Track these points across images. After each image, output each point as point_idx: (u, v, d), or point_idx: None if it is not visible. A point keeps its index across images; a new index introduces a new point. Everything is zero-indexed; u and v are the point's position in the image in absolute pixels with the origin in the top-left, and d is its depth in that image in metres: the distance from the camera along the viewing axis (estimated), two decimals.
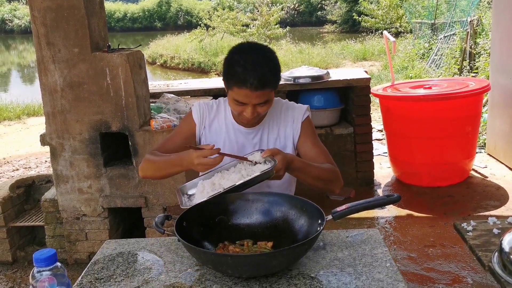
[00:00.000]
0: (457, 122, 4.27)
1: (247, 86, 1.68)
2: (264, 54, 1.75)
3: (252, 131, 1.91)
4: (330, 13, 30.55)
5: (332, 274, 1.38)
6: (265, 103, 1.77)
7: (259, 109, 1.77)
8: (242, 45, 1.80)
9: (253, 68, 1.68)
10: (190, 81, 5.18)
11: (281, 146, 1.93)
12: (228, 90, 1.79)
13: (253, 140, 1.92)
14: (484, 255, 1.54)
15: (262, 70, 1.69)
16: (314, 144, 1.94)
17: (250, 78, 1.67)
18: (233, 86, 1.72)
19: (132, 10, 41.62)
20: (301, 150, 1.96)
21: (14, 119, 8.93)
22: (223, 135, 1.92)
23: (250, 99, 1.72)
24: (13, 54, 29.19)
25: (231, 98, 1.78)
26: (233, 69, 1.72)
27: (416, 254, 3.30)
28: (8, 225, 3.52)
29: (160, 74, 17.05)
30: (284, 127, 1.94)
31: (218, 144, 1.91)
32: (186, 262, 1.51)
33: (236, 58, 1.74)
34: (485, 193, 4.20)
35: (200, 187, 1.70)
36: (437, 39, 10.61)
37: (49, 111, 3.18)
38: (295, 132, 1.93)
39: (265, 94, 1.72)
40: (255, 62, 1.70)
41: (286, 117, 1.94)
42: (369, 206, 1.56)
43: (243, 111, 1.77)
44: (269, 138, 1.93)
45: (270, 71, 1.72)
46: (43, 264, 1.11)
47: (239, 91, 1.71)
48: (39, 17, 3.05)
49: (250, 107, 1.74)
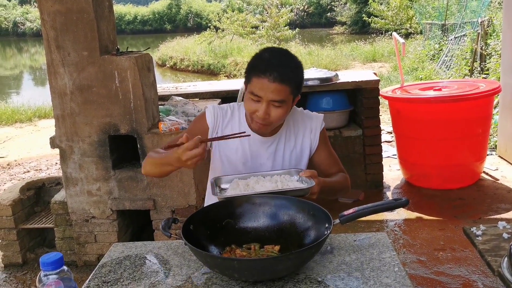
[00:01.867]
0: (468, 124, 4.23)
1: (266, 75, 1.67)
2: (293, 58, 1.76)
3: (267, 140, 1.88)
4: (339, 14, 30.53)
5: (340, 279, 1.37)
6: (280, 105, 1.72)
7: (273, 111, 1.72)
8: (274, 47, 1.83)
9: (277, 62, 1.70)
10: (199, 84, 5.19)
11: (297, 157, 1.92)
12: (247, 86, 1.77)
13: (268, 150, 1.89)
14: (493, 260, 1.52)
15: (285, 67, 1.70)
16: (329, 154, 1.97)
17: (271, 68, 1.67)
18: (253, 77, 1.71)
19: (142, 13, 41.91)
20: (316, 160, 1.96)
21: (26, 121, 9.01)
22: (236, 142, 1.87)
23: (266, 92, 1.68)
24: (25, 56, 29.51)
25: (247, 95, 1.76)
26: (257, 61, 1.74)
27: (425, 257, 3.27)
28: (18, 227, 3.54)
29: (170, 76, 17.12)
30: (301, 137, 1.92)
31: (230, 150, 1.89)
32: (193, 265, 1.50)
33: (263, 53, 1.76)
34: (496, 196, 4.16)
35: (235, 184, 1.72)
36: (447, 40, 10.54)
37: (59, 114, 3.20)
38: (313, 142, 1.93)
39: (283, 91, 1.69)
40: (281, 59, 1.72)
41: (304, 127, 1.92)
42: (377, 210, 1.55)
43: (256, 110, 1.73)
44: (285, 148, 1.90)
45: (293, 71, 1.73)
46: (49, 268, 1.11)
47: (257, 81, 1.69)
48: (49, 20, 3.07)
49: (264, 104, 1.70)
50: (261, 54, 1.76)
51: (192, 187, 3.22)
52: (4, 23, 41.05)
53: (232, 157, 1.89)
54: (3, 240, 3.55)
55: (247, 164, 1.89)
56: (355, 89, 4.46)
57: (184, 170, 3.18)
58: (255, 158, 1.89)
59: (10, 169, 6.22)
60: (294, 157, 1.92)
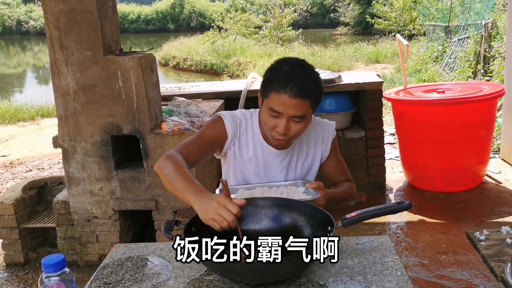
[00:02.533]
0: (471, 126, 4.22)
1: (286, 91, 1.61)
2: (312, 70, 1.70)
3: (282, 153, 1.85)
4: (343, 15, 30.51)
5: (342, 282, 1.37)
6: (301, 120, 1.67)
7: (293, 126, 1.67)
8: (290, 58, 1.74)
9: (297, 76, 1.63)
10: (202, 84, 5.19)
11: (307, 168, 1.91)
12: (264, 100, 1.70)
13: (282, 163, 1.86)
14: (496, 265, 1.51)
15: (306, 81, 1.63)
16: (338, 163, 1.95)
17: (291, 83, 1.61)
18: (271, 92, 1.64)
19: (145, 12, 41.96)
20: (325, 168, 1.95)
21: (28, 120, 9.02)
22: (250, 153, 1.84)
23: (287, 108, 1.62)
24: (29, 55, 29.57)
25: (265, 109, 1.69)
26: (275, 74, 1.66)
27: (428, 261, 3.26)
28: (20, 226, 3.55)
29: (173, 75, 17.14)
30: (313, 147, 1.89)
31: (244, 160, 1.85)
32: (195, 268, 1.50)
33: (281, 65, 1.68)
34: (499, 199, 4.15)
35: (239, 194, 1.72)
36: (451, 42, 10.52)
37: (62, 113, 3.20)
38: (324, 152, 1.91)
39: (303, 106, 1.63)
40: (300, 73, 1.64)
41: (316, 137, 1.89)
42: (379, 213, 1.54)
43: (276, 126, 1.67)
44: (298, 160, 1.88)
45: (313, 84, 1.66)
46: (51, 269, 1.11)
47: (277, 96, 1.63)
48: (53, 20, 3.07)
49: (285, 120, 1.65)
50: (279, 66, 1.69)
51: None
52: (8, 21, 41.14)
53: (245, 168, 1.86)
54: (5, 239, 3.55)
55: (259, 176, 1.87)
56: (358, 91, 4.45)
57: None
58: (268, 170, 1.87)
59: (12, 168, 6.23)
60: (306, 168, 1.91)
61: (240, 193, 1.73)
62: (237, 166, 1.86)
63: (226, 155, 1.88)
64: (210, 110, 3.64)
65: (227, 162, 1.89)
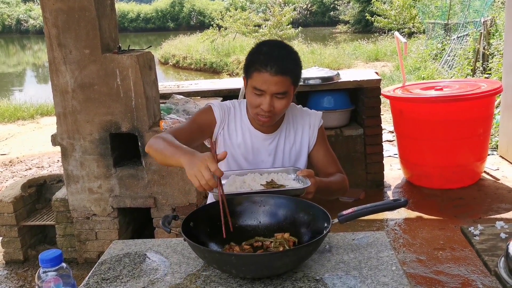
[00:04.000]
0: (469, 124, 4.23)
1: (267, 69, 1.70)
2: (290, 50, 1.79)
3: (269, 137, 1.91)
4: (342, 13, 30.48)
5: (337, 277, 1.38)
6: (283, 96, 1.75)
7: (276, 102, 1.75)
8: (270, 40, 1.86)
9: (277, 55, 1.72)
10: (201, 82, 5.20)
11: (296, 153, 1.95)
12: (248, 81, 1.79)
13: (269, 146, 1.92)
14: (490, 259, 1.53)
15: (285, 59, 1.73)
16: (327, 152, 1.98)
17: (271, 61, 1.70)
18: (254, 72, 1.74)
19: (145, 11, 41.89)
20: (313, 157, 1.98)
21: (28, 118, 9.03)
22: (239, 139, 1.91)
23: (269, 85, 1.71)
24: (28, 54, 29.53)
25: (249, 89, 1.78)
26: (256, 56, 1.76)
27: (425, 257, 3.28)
28: (19, 224, 3.56)
29: (172, 74, 17.13)
30: (300, 133, 1.94)
31: (233, 146, 1.91)
32: (192, 263, 1.51)
33: (261, 47, 1.78)
34: (496, 196, 4.16)
35: (231, 180, 1.75)
36: (450, 39, 10.52)
37: (60, 111, 3.22)
38: (311, 138, 1.95)
39: (284, 82, 1.72)
40: (279, 52, 1.74)
41: (303, 123, 1.95)
42: (375, 210, 1.55)
43: (260, 104, 1.75)
44: (285, 144, 1.93)
45: (292, 62, 1.76)
46: (48, 264, 1.12)
47: (259, 75, 1.72)
48: (51, 18, 3.08)
49: (268, 97, 1.73)
50: (259, 48, 1.79)
51: (192, 185, 3.22)
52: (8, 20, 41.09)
53: (235, 153, 1.92)
54: (5, 237, 3.57)
55: (249, 160, 1.92)
56: (356, 88, 4.46)
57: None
58: (256, 154, 1.92)
59: (12, 166, 6.24)
60: (294, 153, 1.95)
61: (232, 179, 1.75)
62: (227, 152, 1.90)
63: (216, 142, 1.94)
64: None
65: (217, 148, 1.95)
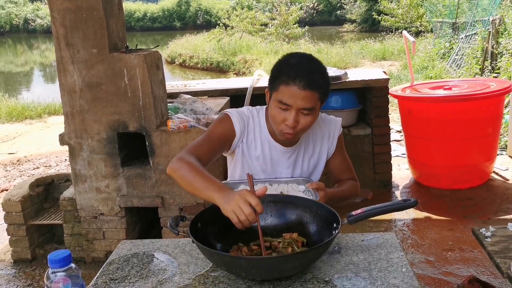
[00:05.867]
0: (478, 123, 4.20)
1: (295, 82, 1.62)
2: (320, 64, 1.71)
3: (289, 150, 1.86)
4: (349, 12, 30.40)
5: (347, 279, 1.37)
6: (309, 113, 1.67)
7: (302, 119, 1.67)
8: (299, 52, 1.75)
9: (306, 68, 1.64)
10: (208, 81, 5.19)
11: (314, 164, 1.91)
12: (273, 94, 1.70)
13: (289, 160, 1.87)
14: (502, 262, 1.51)
15: (315, 73, 1.65)
16: (343, 160, 1.95)
17: (300, 75, 1.62)
18: (280, 84, 1.65)
19: (152, 10, 42.00)
20: (330, 164, 1.95)
21: (36, 117, 9.06)
22: (258, 151, 1.85)
23: (296, 99, 1.63)
24: (36, 53, 29.69)
25: (274, 103, 1.69)
26: (284, 67, 1.67)
27: (434, 257, 3.25)
28: (27, 223, 3.57)
29: (179, 73, 17.16)
30: (319, 143, 1.90)
31: (251, 158, 1.86)
32: (200, 264, 1.51)
33: (289, 59, 1.70)
34: (506, 196, 4.13)
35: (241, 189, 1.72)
36: (458, 38, 10.46)
37: (68, 111, 3.22)
38: (330, 148, 1.91)
39: (312, 98, 1.64)
40: (308, 65, 1.66)
41: (322, 133, 1.90)
42: (385, 210, 1.53)
43: (285, 119, 1.67)
44: (304, 157, 1.88)
45: (321, 76, 1.67)
46: (57, 265, 1.12)
47: (286, 89, 1.64)
48: (59, 18, 3.08)
49: (294, 112, 1.65)
50: (287, 60, 1.70)
51: None
52: (15, 19, 41.33)
53: (252, 165, 1.87)
54: (13, 236, 3.58)
55: (266, 172, 1.87)
56: (364, 88, 4.44)
57: None
58: (275, 167, 1.87)
59: (20, 165, 6.27)
60: (312, 164, 1.91)
61: (240, 188, 1.74)
62: (244, 163, 1.87)
63: (233, 153, 1.88)
64: (216, 108, 3.65)
65: (234, 159, 1.90)
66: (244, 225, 1.40)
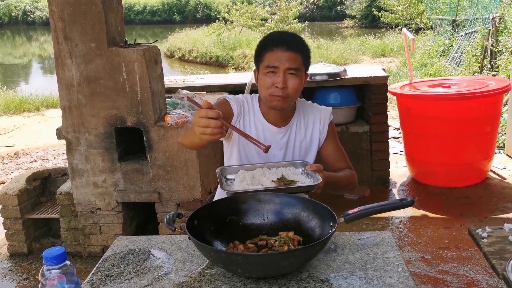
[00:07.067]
0: (476, 122, 4.20)
1: (278, 47, 1.77)
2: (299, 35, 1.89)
3: (281, 130, 1.93)
4: (349, 8, 30.31)
5: (343, 278, 1.37)
6: (296, 73, 1.78)
7: (290, 81, 1.78)
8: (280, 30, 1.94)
9: (287, 35, 1.84)
10: (207, 77, 5.18)
11: (306, 148, 1.96)
12: (260, 66, 1.83)
13: (281, 140, 1.94)
14: (498, 263, 1.51)
15: (295, 38, 1.84)
16: (336, 148, 2.00)
17: (283, 41, 1.79)
18: (266, 53, 1.80)
19: (151, 3, 41.81)
20: (323, 153, 1.99)
21: (33, 110, 9.04)
22: (252, 132, 1.92)
23: (282, 61, 1.76)
24: (34, 45, 29.55)
25: (262, 72, 1.81)
26: (267, 40, 1.84)
27: (430, 256, 3.26)
28: (24, 217, 3.57)
29: (178, 67, 17.11)
30: (311, 128, 1.96)
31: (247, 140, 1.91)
32: (197, 261, 1.50)
33: (271, 34, 1.89)
34: (503, 195, 4.13)
35: (241, 175, 1.75)
36: (458, 36, 10.43)
37: (66, 105, 3.21)
38: (322, 134, 1.97)
39: (296, 59, 1.78)
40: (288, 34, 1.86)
41: (313, 118, 1.96)
42: (382, 209, 1.54)
43: (274, 82, 1.78)
44: (296, 139, 1.94)
45: (302, 43, 1.84)
46: (52, 262, 1.11)
47: (271, 54, 1.78)
48: (57, 11, 3.07)
49: (282, 73, 1.77)
50: (269, 35, 1.88)
51: (197, 181, 3.22)
52: (14, 11, 41.16)
53: (248, 147, 1.93)
54: (9, 230, 3.58)
55: (261, 154, 1.92)
56: (363, 85, 4.43)
57: (190, 163, 3.18)
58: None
59: (17, 158, 6.26)
60: (304, 148, 1.96)
61: (241, 174, 1.75)
62: (240, 146, 1.94)
63: (230, 136, 1.95)
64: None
65: (231, 144, 1.96)
66: (214, 133, 1.49)
